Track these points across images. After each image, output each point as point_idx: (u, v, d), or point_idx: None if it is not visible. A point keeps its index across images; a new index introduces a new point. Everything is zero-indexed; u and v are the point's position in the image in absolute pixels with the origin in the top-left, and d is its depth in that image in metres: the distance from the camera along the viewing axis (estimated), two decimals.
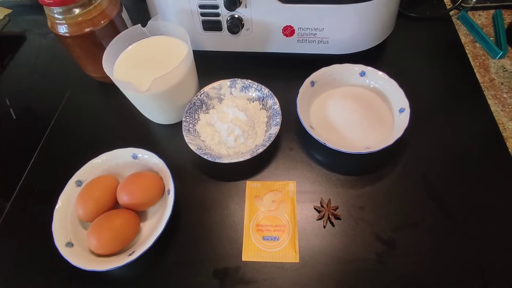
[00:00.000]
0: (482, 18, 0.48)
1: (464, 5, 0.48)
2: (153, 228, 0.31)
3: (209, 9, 0.38)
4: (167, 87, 0.33)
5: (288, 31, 0.39)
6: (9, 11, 0.56)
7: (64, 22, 0.36)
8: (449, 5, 0.50)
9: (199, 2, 0.38)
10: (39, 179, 0.37)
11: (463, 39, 0.45)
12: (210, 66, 0.41)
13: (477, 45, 0.45)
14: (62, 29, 0.37)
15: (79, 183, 0.33)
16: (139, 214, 0.32)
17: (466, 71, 0.42)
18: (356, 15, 0.37)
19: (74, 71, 0.48)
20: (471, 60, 0.43)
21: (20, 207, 0.36)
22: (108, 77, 0.43)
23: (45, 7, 0.37)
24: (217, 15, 0.39)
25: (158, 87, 0.32)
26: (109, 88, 0.46)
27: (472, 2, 0.48)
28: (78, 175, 0.33)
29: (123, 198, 0.30)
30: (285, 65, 0.43)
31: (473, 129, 0.37)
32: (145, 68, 0.36)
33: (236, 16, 0.39)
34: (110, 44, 0.35)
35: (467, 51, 0.44)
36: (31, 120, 0.44)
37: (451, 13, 0.48)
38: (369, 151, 0.31)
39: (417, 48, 0.45)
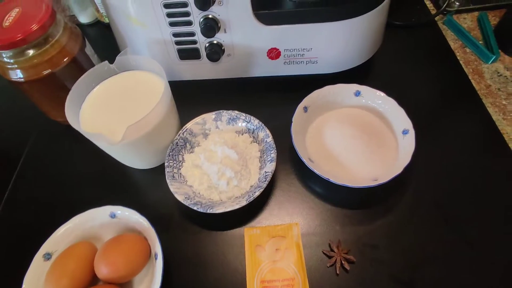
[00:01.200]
0: (467, 21, 0.46)
1: (448, 9, 0.46)
2: None
3: (184, 37, 0.34)
4: (145, 132, 0.29)
5: (274, 53, 0.36)
6: None
7: (16, 66, 0.31)
8: (433, 9, 0.49)
9: (173, 31, 0.34)
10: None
11: (452, 44, 0.44)
12: (190, 98, 0.37)
13: (467, 50, 0.43)
14: (15, 74, 0.32)
15: (47, 256, 0.27)
16: (122, 286, 0.27)
17: (461, 79, 0.40)
18: (345, 31, 0.34)
19: (36, 115, 0.41)
20: (463, 66, 0.41)
21: None
22: None
23: None
24: (194, 42, 0.35)
25: (134, 134, 0.28)
26: (77, 132, 0.42)
27: (456, 6, 0.47)
28: (46, 246, 0.27)
29: (103, 271, 0.26)
30: (272, 89, 0.40)
31: (479, 143, 0.34)
32: (117, 112, 0.31)
33: (215, 42, 0.35)
34: (73, 87, 0.30)
35: (458, 57, 0.42)
36: None
37: (436, 18, 0.47)
38: (378, 184, 0.28)
39: (407, 58, 0.42)
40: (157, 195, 0.34)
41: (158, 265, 0.26)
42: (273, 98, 0.39)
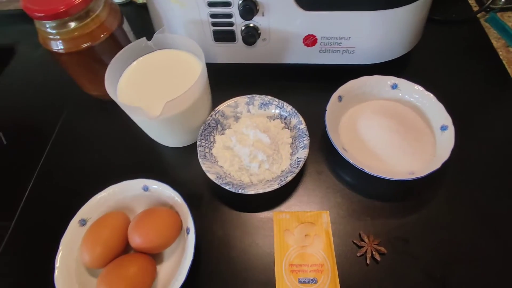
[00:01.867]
0: None
1: (492, 6, 0.45)
2: (170, 272, 0.27)
3: (221, 18, 0.34)
4: (181, 110, 0.29)
5: (310, 40, 0.35)
6: None
7: (58, 37, 0.32)
8: (475, 6, 0.47)
9: (210, 11, 0.34)
10: (34, 218, 0.33)
11: (494, 43, 0.42)
12: (222, 80, 0.36)
13: (511, 49, 0.41)
14: (56, 45, 0.32)
15: (82, 222, 0.28)
16: (154, 256, 0.28)
17: (503, 79, 0.38)
18: (386, 22, 0.33)
19: (70, 88, 0.43)
20: (506, 66, 0.40)
21: (12, 252, 0.31)
22: (106, 94, 0.39)
23: (35, 21, 0.32)
24: (231, 24, 0.35)
25: (171, 110, 0.28)
26: (111, 107, 0.41)
27: (501, 3, 0.45)
28: (82, 213, 0.28)
29: (136, 240, 0.26)
30: (305, 77, 0.39)
31: None
32: (154, 88, 0.31)
33: (251, 25, 0.35)
34: (112, 61, 0.31)
35: (501, 57, 0.41)
36: (24, 146, 0.39)
37: (478, 15, 0.45)
38: (415, 177, 0.27)
39: (446, 54, 0.41)
40: (186, 174, 0.34)
41: (190, 239, 0.26)
42: (305, 86, 0.39)
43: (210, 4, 0.33)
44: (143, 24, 0.40)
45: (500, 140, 0.33)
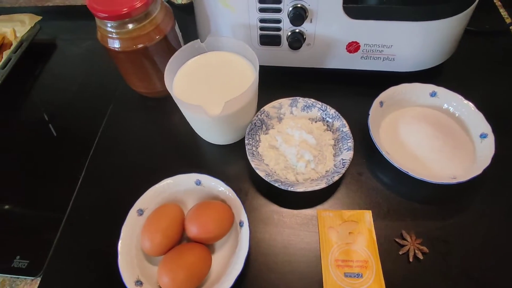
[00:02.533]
0: None
1: None
2: (222, 263, 0.29)
3: (270, 23, 0.36)
4: (236, 109, 0.31)
5: (353, 47, 0.37)
6: (39, 18, 0.53)
7: (117, 36, 0.34)
8: (507, 18, 0.48)
9: (260, 16, 0.36)
10: (88, 205, 0.35)
11: None
12: (265, 82, 0.37)
13: None
14: (114, 44, 0.34)
15: (140, 212, 0.30)
16: (207, 246, 0.29)
17: None
18: (428, 32, 0.34)
19: (112, 84, 0.45)
20: None
21: (69, 238, 0.33)
22: (154, 92, 0.41)
23: (97, 19, 0.34)
24: (278, 29, 0.36)
25: (227, 110, 0.30)
26: (154, 103, 0.44)
27: None
28: (139, 203, 0.30)
29: (193, 230, 0.28)
30: (345, 81, 0.41)
31: None
32: (207, 87, 0.33)
33: (297, 30, 0.36)
34: (170, 60, 0.33)
35: None
36: (73, 138, 0.41)
37: (511, 27, 0.46)
38: (457, 182, 0.29)
39: (481, 64, 0.43)
40: (231, 170, 0.36)
41: (245, 231, 0.28)
42: (345, 90, 0.40)
43: (261, 10, 0.35)
44: (182, 24, 0.42)
45: None
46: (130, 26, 0.34)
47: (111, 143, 0.39)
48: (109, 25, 0.34)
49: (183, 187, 0.32)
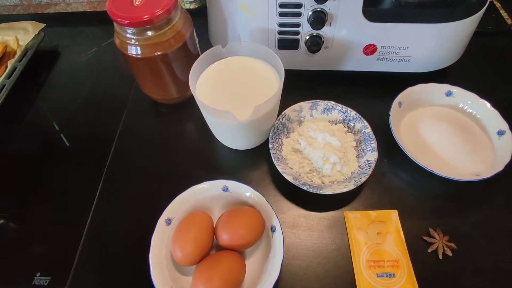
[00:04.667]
0: None
1: None
2: (256, 269, 0.29)
3: (289, 27, 0.36)
4: (262, 114, 0.30)
5: (370, 49, 0.38)
6: (43, 25, 0.52)
7: (137, 43, 0.33)
8: (507, 19, 0.50)
9: (280, 21, 0.36)
10: (108, 219, 0.34)
11: None
12: (283, 86, 0.39)
13: None
14: (134, 50, 0.34)
15: (168, 221, 0.30)
16: (239, 253, 0.29)
17: None
18: (443, 34, 0.35)
19: (122, 90, 0.45)
20: None
21: (91, 250, 0.32)
22: (170, 98, 0.40)
23: (116, 26, 0.34)
24: (297, 33, 0.37)
25: (258, 113, 0.30)
26: (168, 110, 0.43)
27: None
28: (167, 213, 0.29)
29: (225, 237, 0.28)
30: (360, 83, 0.42)
31: None
32: (232, 93, 0.33)
33: (315, 34, 0.37)
34: (194, 65, 0.32)
35: None
36: (87, 148, 0.40)
37: None
38: (481, 178, 0.30)
39: (488, 64, 0.44)
40: (254, 175, 0.35)
41: (278, 236, 0.28)
42: (362, 92, 0.41)
43: (281, 14, 0.35)
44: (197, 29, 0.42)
45: None
46: (151, 33, 0.33)
47: (128, 151, 0.39)
48: (129, 31, 0.33)
49: (209, 194, 0.31)
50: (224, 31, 0.39)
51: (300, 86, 0.41)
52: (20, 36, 0.51)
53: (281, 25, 0.36)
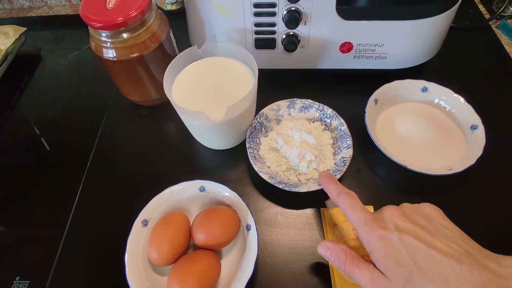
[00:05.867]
0: None
1: (503, 14, 0.48)
2: (231, 268, 0.29)
3: (265, 27, 0.36)
4: (237, 114, 0.31)
5: (346, 47, 0.38)
6: (24, 29, 0.52)
7: (112, 46, 0.33)
8: (485, 13, 0.50)
9: (255, 20, 0.36)
10: (88, 221, 0.34)
11: (506, 48, 0.46)
12: (261, 85, 0.37)
13: None
14: (109, 53, 0.34)
15: (145, 222, 0.30)
16: (215, 252, 0.29)
17: None
18: (418, 30, 0.36)
19: (104, 93, 0.45)
20: None
21: (69, 257, 0.32)
22: (149, 100, 0.41)
23: (90, 29, 0.34)
24: (273, 33, 0.37)
25: (232, 114, 0.30)
26: (149, 111, 0.43)
27: (510, 11, 0.49)
28: (144, 214, 0.30)
29: (200, 237, 0.28)
30: (338, 81, 0.42)
31: None
32: (206, 93, 0.33)
33: (291, 33, 0.37)
34: (168, 68, 0.32)
35: None
36: (67, 151, 0.40)
37: (490, 22, 0.48)
38: (454, 173, 0.30)
39: (465, 59, 0.44)
40: (232, 174, 0.36)
41: (253, 234, 0.28)
42: (339, 90, 0.41)
43: (256, 14, 0.35)
44: (172, 31, 0.42)
45: None
46: (125, 35, 0.33)
47: (108, 154, 0.39)
48: (103, 34, 0.33)
49: (187, 195, 0.31)
50: (202, 32, 0.40)
51: (279, 85, 0.41)
52: (1, 41, 0.50)
53: (257, 24, 0.36)
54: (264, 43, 0.38)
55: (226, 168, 0.37)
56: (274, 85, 0.41)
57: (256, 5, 0.35)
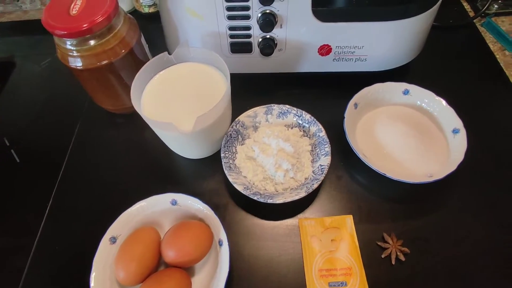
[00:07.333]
0: (506, 24, 0.47)
1: (487, 11, 0.47)
2: (204, 285, 0.28)
3: (239, 30, 0.35)
4: (209, 123, 0.29)
5: (325, 50, 0.37)
6: None
7: (78, 54, 0.32)
8: (470, 12, 0.49)
9: (229, 24, 0.35)
10: (57, 237, 0.32)
11: (491, 46, 0.45)
12: (239, 90, 0.36)
13: (507, 53, 0.44)
14: (75, 62, 0.32)
15: (113, 239, 0.28)
16: (186, 270, 0.28)
17: (503, 81, 0.40)
18: (397, 31, 0.35)
19: (78, 101, 0.43)
20: (504, 69, 0.42)
21: (37, 273, 0.31)
22: (123, 108, 0.39)
23: (55, 37, 0.32)
24: (248, 36, 0.36)
25: (202, 124, 0.29)
26: (124, 119, 0.42)
27: (495, 9, 0.48)
28: (112, 230, 0.28)
29: (170, 254, 0.27)
30: (319, 84, 0.41)
31: None
32: (178, 102, 0.32)
33: (268, 36, 0.36)
34: (136, 77, 0.31)
35: (498, 60, 0.43)
36: (38, 163, 0.38)
37: (474, 20, 0.47)
38: (434, 180, 0.29)
39: (448, 59, 0.43)
40: (209, 185, 0.34)
41: (224, 250, 0.27)
42: (319, 93, 0.40)
43: (230, 18, 0.34)
44: (149, 34, 0.40)
45: (503, 140, 0.35)
46: (92, 42, 0.32)
47: (80, 164, 0.37)
48: (68, 43, 0.31)
49: (158, 208, 0.30)
50: (176, 37, 0.38)
51: (257, 89, 0.40)
52: None
53: (231, 28, 0.35)
54: (240, 47, 0.37)
55: (203, 178, 0.35)
56: (253, 90, 0.40)
57: (229, 8, 0.33)
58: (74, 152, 0.38)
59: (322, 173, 0.31)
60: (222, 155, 0.33)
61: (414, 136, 0.33)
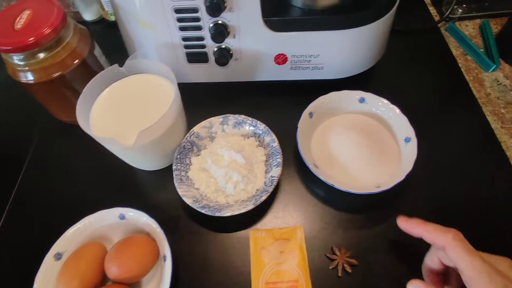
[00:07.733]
0: (469, 29, 0.47)
1: (451, 16, 0.47)
2: None
3: (193, 41, 0.35)
4: (156, 136, 0.29)
5: (281, 59, 0.36)
6: None
7: (27, 68, 0.32)
8: (436, 16, 0.49)
9: (182, 35, 0.34)
10: (6, 254, 0.32)
11: (454, 51, 0.45)
12: (197, 100, 0.37)
13: (469, 57, 0.44)
14: (25, 77, 0.32)
15: (58, 256, 0.28)
16: (132, 286, 0.28)
17: (462, 87, 0.41)
18: (352, 39, 0.35)
19: (37, 115, 0.42)
20: (465, 74, 0.42)
21: None
22: None
23: (1, 54, 0.32)
24: (203, 46, 0.35)
25: (145, 138, 0.29)
26: (81, 131, 0.41)
27: (459, 13, 0.48)
28: (57, 246, 0.28)
29: (113, 271, 0.26)
30: (277, 93, 0.41)
31: (478, 151, 0.35)
32: (127, 115, 0.32)
33: (223, 46, 0.35)
34: (84, 91, 0.31)
35: (460, 65, 0.43)
36: None
37: (439, 25, 0.47)
38: (381, 190, 0.29)
39: (409, 65, 0.43)
40: (164, 197, 0.34)
41: (167, 267, 0.27)
42: (278, 102, 0.40)
43: (182, 29, 0.34)
44: (116, 42, 0.40)
45: (459, 148, 0.35)
46: (42, 55, 0.32)
47: (36, 179, 0.37)
48: (15, 57, 0.31)
49: (107, 223, 0.30)
50: (133, 47, 0.38)
51: (215, 99, 0.40)
52: None
53: (185, 39, 0.35)
54: (195, 57, 0.36)
55: (158, 190, 0.35)
56: (211, 100, 0.40)
57: (180, 20, 0.33)
58: (30, 166, 0.38)
59: (271, 185, 0.30)
60: (173, 167, 0.32)
61: (367, 146, 0.33)
